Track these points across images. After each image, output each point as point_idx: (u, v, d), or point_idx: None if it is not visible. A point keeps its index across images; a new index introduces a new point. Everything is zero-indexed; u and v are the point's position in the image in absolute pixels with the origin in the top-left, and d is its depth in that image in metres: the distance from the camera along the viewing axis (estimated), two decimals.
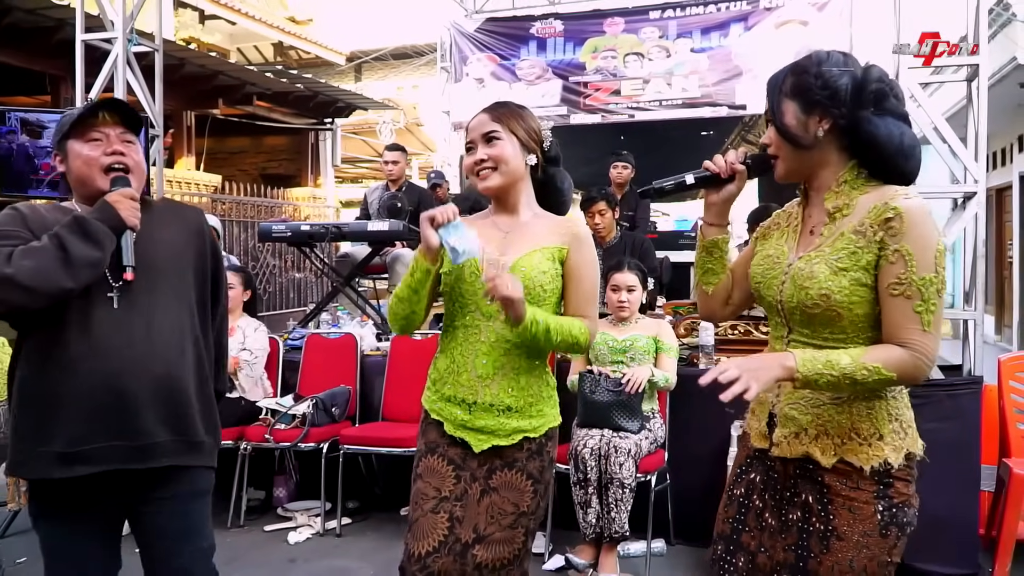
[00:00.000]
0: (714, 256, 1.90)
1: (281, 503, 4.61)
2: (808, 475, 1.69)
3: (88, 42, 5.16)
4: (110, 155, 2.04)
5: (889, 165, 1.63)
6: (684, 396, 3.93)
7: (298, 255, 10.30)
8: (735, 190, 1.80)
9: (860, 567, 1.63)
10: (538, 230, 2.13)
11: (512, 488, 2.08)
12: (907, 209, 1.56)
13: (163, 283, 2.10)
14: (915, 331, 1.55)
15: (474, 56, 8.53)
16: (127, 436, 1.99)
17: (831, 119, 1.63)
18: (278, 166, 12.50)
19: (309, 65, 14.25)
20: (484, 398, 2.07)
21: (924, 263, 1.54)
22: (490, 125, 2.09)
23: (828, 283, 1.61)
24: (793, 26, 7.65)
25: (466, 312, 2.10)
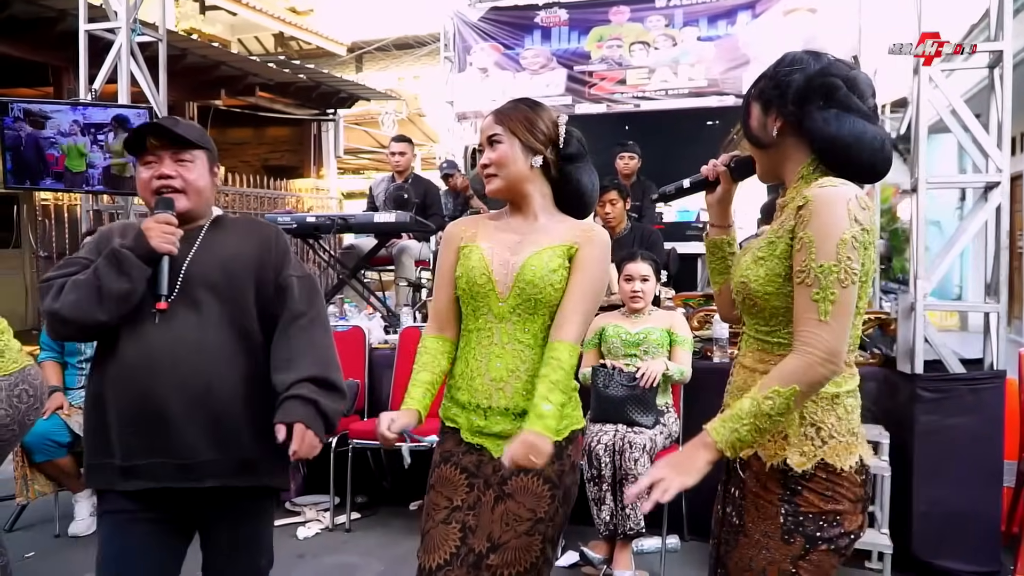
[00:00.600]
0: (716, 256, 1.93)
1: (289, 498, 4.57)
2: (734, 470, 1.74)
3: (91, 32, 5.10)
4: (158, 179, 2.07)
5: (842, 159, 1.61)
6: (698, 390, 3.88)
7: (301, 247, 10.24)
8: (720, 193, 1.86)
9: (759, 568, 1.62)
10: (553, 232, 2.04)
11: (528, 493, 1.97)
12: (815, 196, 1.55)
13: (217, 302, 2.07)
14: (812, 322, 1.53)
15: (477, 46, 8.45)
16: (171, 454, 2.02)
17: (782, 117, 1.65)
18: (280, 157, 12.44)
19: (310, 55, 14.18)
20: (499, 402, 1.99)
21: (825, 250, 1.52)
22: (493, 128, 2.04)
23: (747, 271, 1.66)
24: (801, 13, 7.56)
25: (478, 315, 2.04)
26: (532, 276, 1.96)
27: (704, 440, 1.57)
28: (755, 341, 1.70)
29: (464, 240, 2.10)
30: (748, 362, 1.71)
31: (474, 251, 2.04)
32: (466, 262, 2.04)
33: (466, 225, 2.15)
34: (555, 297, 1.98)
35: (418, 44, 14.58)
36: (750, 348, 1.72)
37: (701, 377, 3.82)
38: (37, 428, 3.97)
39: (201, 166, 2.12)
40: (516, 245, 2.03)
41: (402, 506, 4.49)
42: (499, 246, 2.04)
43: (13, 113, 4.55)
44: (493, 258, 2.02)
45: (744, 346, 1.75)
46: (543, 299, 1.97)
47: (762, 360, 1.67)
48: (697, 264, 7.35)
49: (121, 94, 5.08)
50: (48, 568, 3.74)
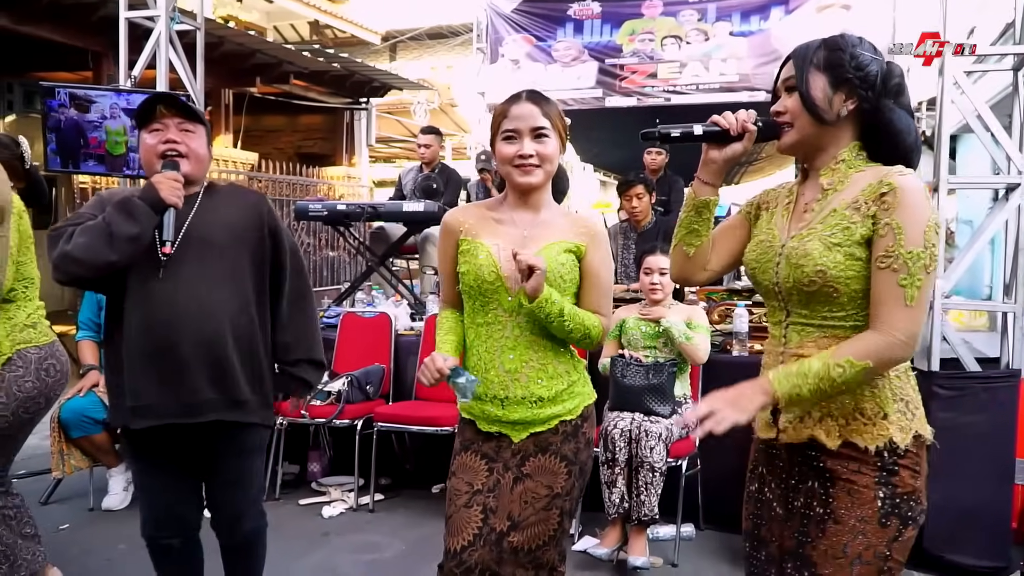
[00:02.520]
0: (702, 217, 1.84)
1: (315, 478, 4.70)
2: (811, 461, 1.68)
3: (131, 19, 5.23)
4: (165, 143, 2.31)
5: (898, 156, 1.64)
6: (716, 381, 3.87)
7: (332, 234, 10.39)
8: (740, 149, 1.75)
9: (854, 553, 1.59)
10: (558, 227, 2.11)
11: (546, 472, 2.08)
12: (901, 184, 1.55)
13: (216, 259, 2.36)
14: (897, 306, 1.54)
15: (510, 37, 8.50)
16: (177, 394, 2.32)
17: (857, 100, 1.63)
18: (313, 145, 12.58)
19: (344, 44, 14.29)
20: (516, 392, 2.07)
21: (912, 237, 1.53)
22: (541, 120, 2.04)
23: (823, 259, 1.60)
24: (835, 10, 7.54)
25: (488, 310, 2.09)
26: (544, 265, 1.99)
27: (763, 385, 1.58)
28: (819, 329, 1.65)
29: (463, 233, 2.13)
30: (812, 352, 1.64)
31: (480, 249, 2.08)
32: (472, 260, 2.08)
33: (463, 216, 2.18)
34: (563, 288, 2.05)
35: (451, 34, 14.66)
36: (810, 338, 1.67)
37: (720, 370, 3.88)
38: (74, 404, 4.13)
39: (202, 138, 2.40)
40: (521, 241, 2.07)
41: (424, 488, 4.59)
42: (505, 242, 2.07)
43: (59, 98, 4.69)
44: (500, 256, 2.05)
45: (797, 337, 1.69)
46: (552, 287, 2.02)
47: (826, 347, 1.63)
48: None
49: (160, 81, 5.20)
50: (82, 539, 3.87)
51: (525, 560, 2.05)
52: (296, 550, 3.72)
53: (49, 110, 4.75)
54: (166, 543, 2.49)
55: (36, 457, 4.68)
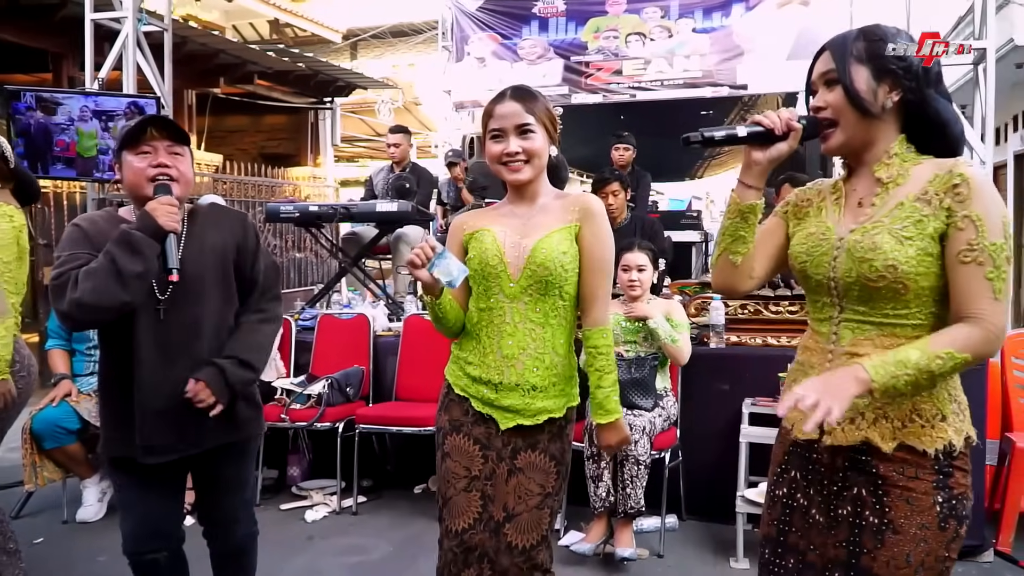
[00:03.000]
0: (749, 222, 1.76)
1: (295, 482, 4.67)
2: (860, 466, 1.61)
3: (97, 21, 5.16)
4: (155, 167, 2.25)
5: (944, 145, 1.62)
6: (695, 374, 4.00)
7: (298, 235, 10.32)
8: (786, 149, 1.69)
9: (917, 562, 1.55)
10: (554, 210, 2.16)
11: (537, 469, 2.14)
12: (973, 176, 1.53)
13: (211, 290, 2.36)
14: (986, 300, 1.49)
15: (475, 35, 8.53)
16: (184, 428, 2.33)
17: (901, 91, 1.59)
18: (277, 145, 12.46)
19: (305, 43, 14.18)
20: (510, 378, 2.12)
21: (994, 229, 1.49)
22: (525, 117, 2.09)
23: (895, 253, 1.54)
24: (794, 6, 7.68)
25: (490, 295, 2.14)
26: (543, 258, 2.06)
27: (858, 375, 1.48)
28: (877, 327, 1.60)
29: (469, 228, 2.20)
30: (869, 350, 1.59)
31: (486, 234, 2.14)
32: (479, 245, 2.14)
33: (471, 217, 2.26)
34: (565, 277, 2.10)
35: (413, 32, 14.60)
36: (866, 335, 1.62)
37: (698, 363, 3.94)
38: (46, 415, 4.06)
39: (188, 160, 2.35)
40: (523, 227, 2.14)
41: (406, 489, 4.60)
42: (509, 229, 2.14)
43: (25, 100, 4.62)
44: (505, 241, 2.12)
45: (851, 334, 1.64)
46: (554, 280, 2.08)
47: (892, 345, 1.57)
48: (691, 252, 7.48)
49: (126, 83, 5.15)
50: (57, 553, 3.81)
51: (520, 560, 2.11)
52: (281, 555, 3.71)
53: (15, 113, 4.68)
54: (152, 558, 2.43)
55: (4, 469, 4.59)
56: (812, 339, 1.74)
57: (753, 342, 4.20)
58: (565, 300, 2.14)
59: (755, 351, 4.15)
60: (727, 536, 3.75)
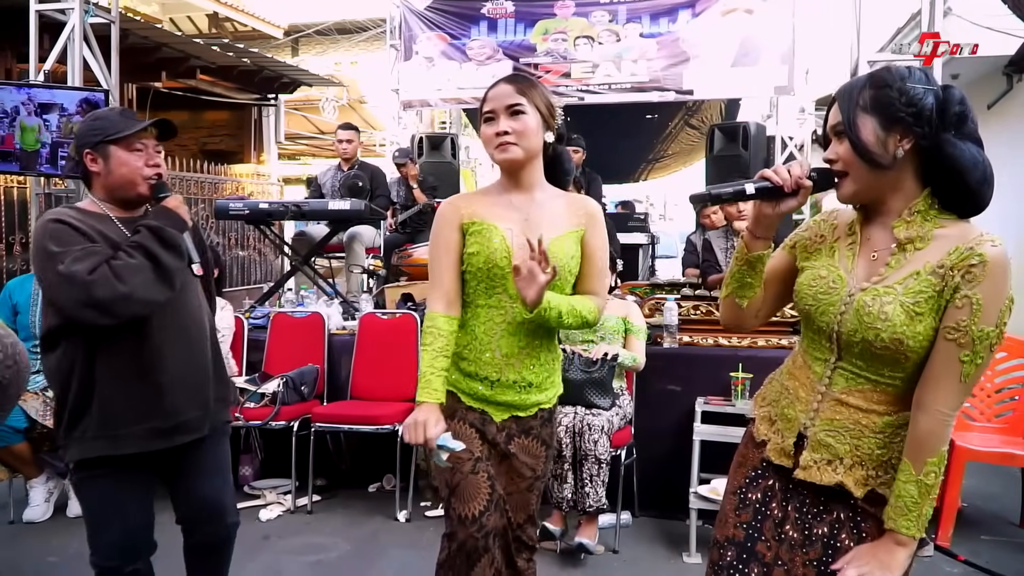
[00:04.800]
0: (756, 271, 1.77)
1: (247, 481, 4.63)
2: (840, 496, 1.65)
3: (42, 12, 5.03)
4: (151, 166, 2.33)
5: (970, 193, 1.54)
6: (649, 374, 4.08)
7: (241, 233, 10.18)
8: (795, 205, 1.67)
9: None
10: (558, 211, 2.15)
11: (529, 454, 2.22)
12: (992, 258, 1.48)
13: (191, 277, 2.42)
14: (950, 382, 1.52)
15: (424, 35, 8.51)
16: (163, 419, 2.32)
17: (913, 138, 1.53)
18: (219, 142, 12.22)
19: (245, 38, 13.92)
20: (508, 376, 2.14)
21: (988, 316, 1.48)
22: (515, 97, 2.06)
23: (903, 328, 1.53)
24: (739, 14, 7.81)
25: (493, 293, 2.12)
26: (554, 262, 2.00)
27: (898, 539, 1.54)
28: (871, 383, 1.61)
29: (468, 216, 2.13)
30: (858, 402, 1.62)
31: (494, 232, 2.09)
32: (485, 242, 2.09)
33: (461, 202, 2.18)
34: (568, 280, 2.14)
35: (357, 29, 14.48)
36: (859, 387, 1.63)
37: (652, 362, 4.03)
38: None
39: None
40: (525, 225, 2.10)
41: (361, 488, 4.60)
42: (514, 227, 2.10)
43: None
44: (514, 242, 2.08)
45: (844, 383, 1.65)
46: (560, 284, 2.11)
47: (882, 401, 1.61)
48: (639, 254, 7.62)
49: (73, 76, 5.03)
50: (6, 555, 3.73)
51: (513, 536, 2.26)
52: (238, 554, 3.58)
53: None
54: (130, 570, 2.37)
55: None
56: (803, 371, 1.73)
57: (705, 342, 4.30)
58: None
59: (707, 351, 4.25)
60: (680, 531, 3.84)
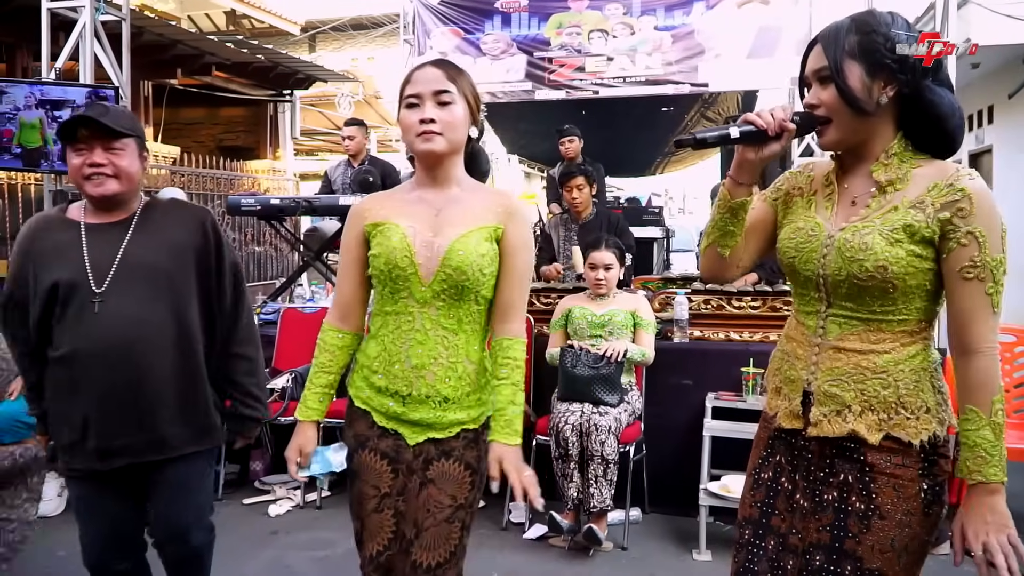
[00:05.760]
0: (738, 218, 1.76)
1: (258, 476, 4.64)
2: (848, 453, 1.63)
3: (53, 10, 5.05)
4: (90, 166, 2.21)
5: (942, 136, 1.58)
6: (659, 369, 4.04)
7: (257, 229, 10.21)
8: (778, 149, 1.66)
9: (901, 546, 1.58)
10: (472, 206, 1.95)
11: (449, 479, 1.94)
12: (974, 190, 1.51)
13: (154, 284, 2.26)
14: (987, 318, 1.53)
15: (438, 30, 8.47)
16: (144, 431, 2.25)
17: (897, 85, 1.55)
18: (235, 138, 12.29)
19: (262, 34, 13.99)
20: (420, 390, 1.90)
21: (995, 244, 1.51)
22: (445, 83, 1.88)
23: (885, 254, 1.54)
24: (754, 5, 7.73)
25: (398, 299, 1.91)
26: (460, 262, 1.86)
27: (988, 488, 1.52)
28: (864, 323, 1.62)
29: (372, 218, 1.95)
30: (855, 345, 1.62)
31: (394, 230, 1.90)
32: (385, 242, 1.90)
33: (373, 202, 2.02)
34: (482, 282, 1.90)
35: (373, 25, 14.50)
36: (853, 330, 1.63)
37: (662, 357, 3.98)
38: (5, 409, 3.97)
39: (131, 153, 2.27)
40: (435, 221, 1.92)
41: None
42: (419, 224, 1.91)
43: None
44: (415, 239, 1.89)
45: (838, 329, 1.65)
46: (470, 285, 1.89)
47: (878, 340, 1.61)
48: (653, 248, 7.56)
49: (84, 74, 5.04)
50: None
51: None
52: (246, 550, 3.68)
53: None
54: (116, 569, 2.35)
55: None
56: (798, 330, 1.74)
57: (716, 337, 4.26)
58: (480, 305, 1.94)
59: (718, 346, 4.21)
60: (690, 528, 3.80)
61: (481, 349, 1.99)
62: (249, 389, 2.47)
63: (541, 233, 5.29)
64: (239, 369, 2.45)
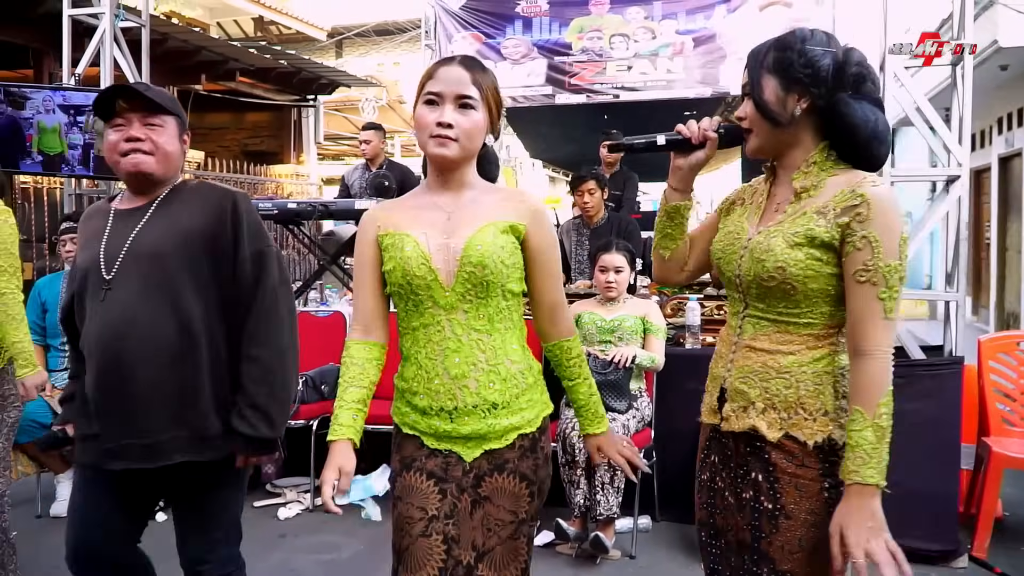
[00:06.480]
0: (674, 222, 1.89)
1: (269, 479, 4.65)
2: (756, 453, 1.68)
3: (74, 17, 5.11)
4: (128, 141, 2.07)
5: (860, 149, 1.63)
6: (671, 375, 3.99)
7: (280, 232, 10.26)
8: (703, 157, 1.78)
9: (810, 546, 1.61)
10: (487, 204, 1.86)
11: (506, 494, 1.83)
12: (874, 196, 1.56)
13: (167, 272, 2.07)
14: (876, 320, 1.56)
15: (459, 34, 8.48)
16: (137, 434, 2.06)
17: (810, 98, 1.62)
18: (260, 143, 12.40)
19: (290, 40, 14.14)
20: (465, 400, 1.79)
21: (890, 250, 1.54)
22: (470, 88, 1.78)
23: (784, 256, 1.62)
24: (777, 8, 7.67)
25: (423, 310, 1.81)
26: (480, 256, 1.77)
27: (862, 491, 1.53)
28: (773, 324, 1.68)
29: (383, 228, 1.87)
30: (764, 345, 1.68)
31: (406, 240, 1.81)
32: (398, 254, 1.80)
33: (382, 211, 1.92)
34: (507, 274, 1.81)
35: (398, 30, 14.58)
36: (763, 331, 1.69)
37: (674, 363, 3.93)
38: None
39: (171, 131, 2.13)
40: (447, 225, 1.83)
41: None
42: (431, 229, 1.82)
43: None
44: (429, 244, 1.80)
45: (752, 329, 1.71)
46: (495, 279, 1.79)
47: (785, 342, 1.66)
48: None
49: (104, 79, 5.10)
50: (31, 548, 3.76)
51: None
52: (253, 552, 3.62)
53: None
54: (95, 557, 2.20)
55: None
56: (725, 330, 1.84)
57: None
58: (510, 300, 1.83)
59: None
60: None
61: (522, 347, 1.88)
62: (254, 400, 2.11)
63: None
64: (248, 374, 2.13)
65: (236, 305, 2.14)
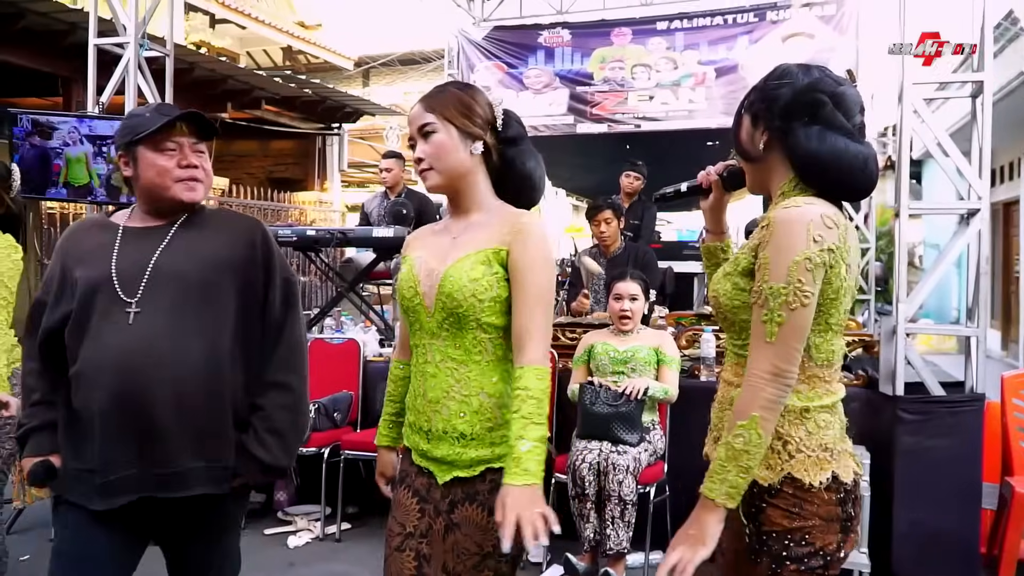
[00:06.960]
0: (711, 262, 1.93)
1: (281, 507, 4.64)
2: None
3: (100, 46, 5.20)
4: (184, 167, 2.03)
5: (822, 176, 1.61)
6: (685, 408, 3.93)
7: (302, 259, 10.33)
8: (713, 201, 1.87)
9: None
10: (486, 229, 1.83)
11: (473, 525, 1.79)
12: (776, 217, 1.55)
13: (191, 298, 1.99)
14: (758, 343, 1.54)
15: (482, 64, 8.54)
16: (155, 463, 1.94)
17: (768, 131, 1.64)
18: (285, 170, 12.55)
19: (317, 69, 14.33)
20: (437, 424, 1.81)
21: (776, 272, 1.51)
22: (424, 116, 1.81)
23: (716, 286, 1.68)
24: (800, 39, 7.66)
25: (414, 331, 1.87)
26: (451, 288, 1.76)
27: (703, 503, 1.54)
28: (733, 355, 1.69)
29: (405, 249, 1.97)
30: (728, 376, 1.71)
31: (407, 262, 1.90)
32: (401, 276, 1.90)
33: (412, 236, 2.01)
34: (480, 309, 1.77)
35: (423, 60, 14.72)
36: (730, 361, 1.71)
37: (688, 396, 3.87)
38: None
39: (209, 157, 2.12)
40: (447, 250, 1.84)
41: None
42: (430, 253, 1.86)
43: (22, 124, 4.64)
44: (421, 269, 1.85)
45: (726, 360, 1.74)
46: (466, 312, 1.77)
47: (738, 374, 1.64)
48: (693, 283, 7.43)
49: (128, 107, 5.16)
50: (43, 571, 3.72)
51: None
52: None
53: (14, 136, 4.70)
54: None
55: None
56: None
57: None
58: (489, 333, 1.79)
59: None
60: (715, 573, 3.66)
61: (501, 381, 1.82)
62: (276, 425, 2.05)
63: (572, 267, 5.25)
64: (274, 400, 2.06)
65: (256, 333, 2.08)
